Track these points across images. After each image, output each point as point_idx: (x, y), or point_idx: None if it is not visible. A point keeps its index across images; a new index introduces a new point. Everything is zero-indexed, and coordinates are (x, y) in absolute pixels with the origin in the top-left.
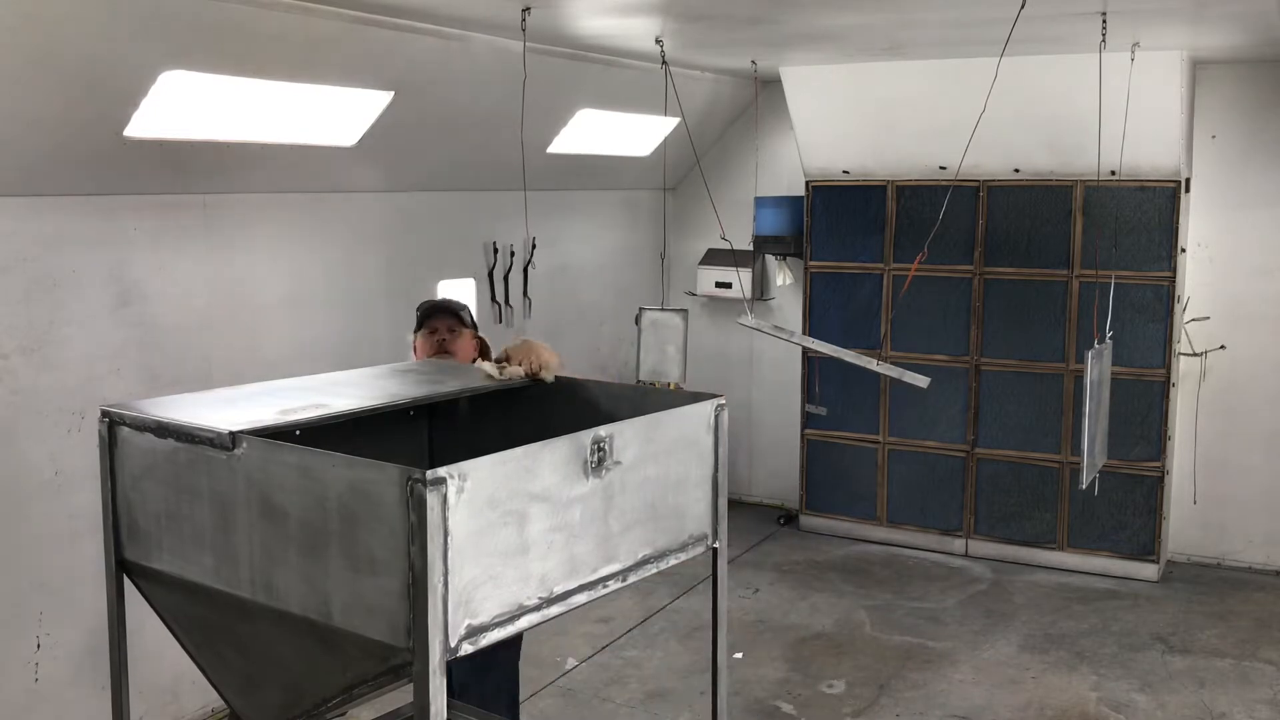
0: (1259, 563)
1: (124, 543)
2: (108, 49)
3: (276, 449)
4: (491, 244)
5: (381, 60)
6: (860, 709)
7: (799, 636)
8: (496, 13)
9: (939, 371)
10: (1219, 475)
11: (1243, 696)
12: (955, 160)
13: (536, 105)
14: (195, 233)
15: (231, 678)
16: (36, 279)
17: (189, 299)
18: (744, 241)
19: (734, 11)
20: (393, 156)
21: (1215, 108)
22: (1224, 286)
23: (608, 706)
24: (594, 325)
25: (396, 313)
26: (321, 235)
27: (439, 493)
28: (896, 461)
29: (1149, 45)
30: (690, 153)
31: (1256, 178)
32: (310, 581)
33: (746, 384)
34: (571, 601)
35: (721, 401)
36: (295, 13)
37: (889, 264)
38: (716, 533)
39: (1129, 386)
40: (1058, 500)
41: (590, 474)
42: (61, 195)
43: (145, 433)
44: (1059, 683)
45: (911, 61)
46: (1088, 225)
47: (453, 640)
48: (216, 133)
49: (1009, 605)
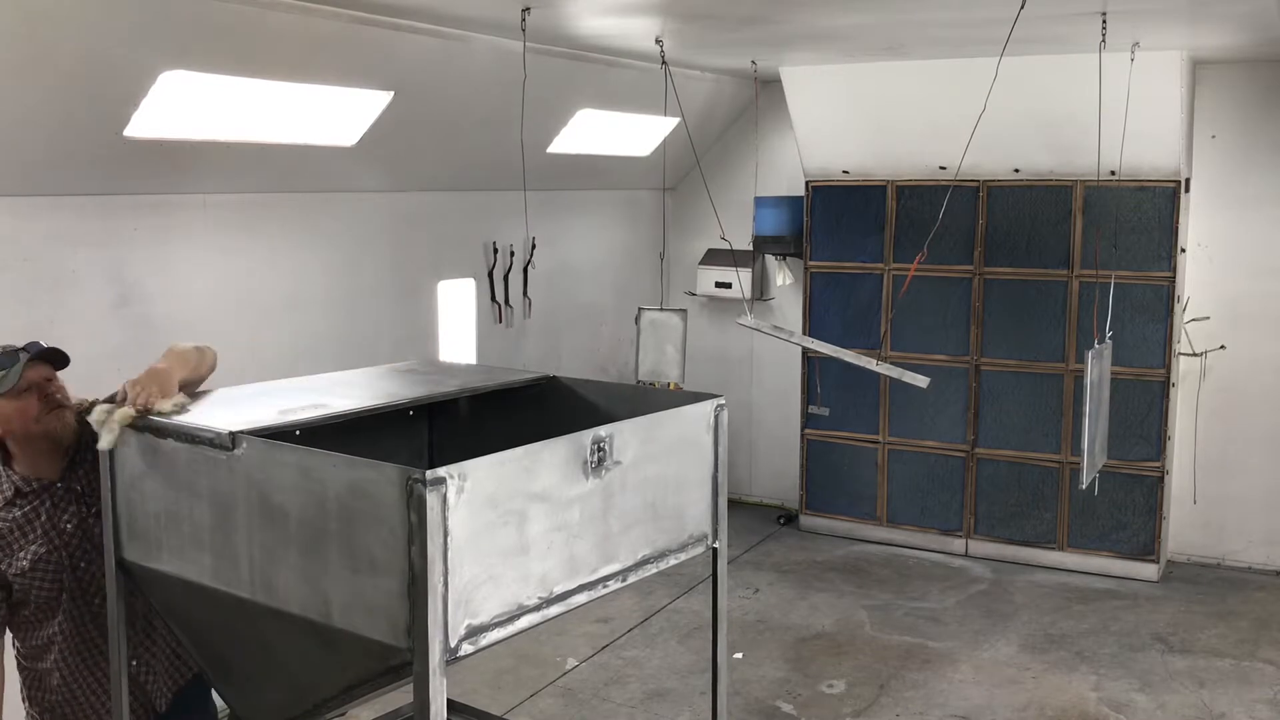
0: (1259, 563)
1: (124, 543)
2: (108, 49)
3: (276, 449)
4: (491, 244)
5: (381, 60)
6: (860, 709)
7: (799, 636)
8: (496, 13)
9: (939, 371)
10: (1219, 475)
11: (1243, 696)
12: (955, 160)
13: (536, 105)
14: (195, 233)
15: (231, 678)
16: (36, 279)
17: (189, 299)
18: (744, 241)
19: (734, 11)
20: (393, 156)
21: (1215, 108)
22: (1224, 286)
23: (608, 706)
24: (594, 325)
25: (397, 313)
26: (321, 235)
27: (439, 493)
28: (896, 461)
29: (1149, 45)
30: (690, 153)
31: (1256, 178)
32: (310, 581)
33: (746, 384)
34: (571, 601)
35: (721, 401)
36: (295, 13)
37: (889, 264)
38: (716, 533)
39: (1129, 386)
40: (1058, 500)
41: (590, 474)
42: (61, 195)
43: (145, 433)
44: (1059, 683)
45: (911, 61)
46: (1088, 225)
47: (453, 640)
48: (216, 133)
49: (1009, 605)
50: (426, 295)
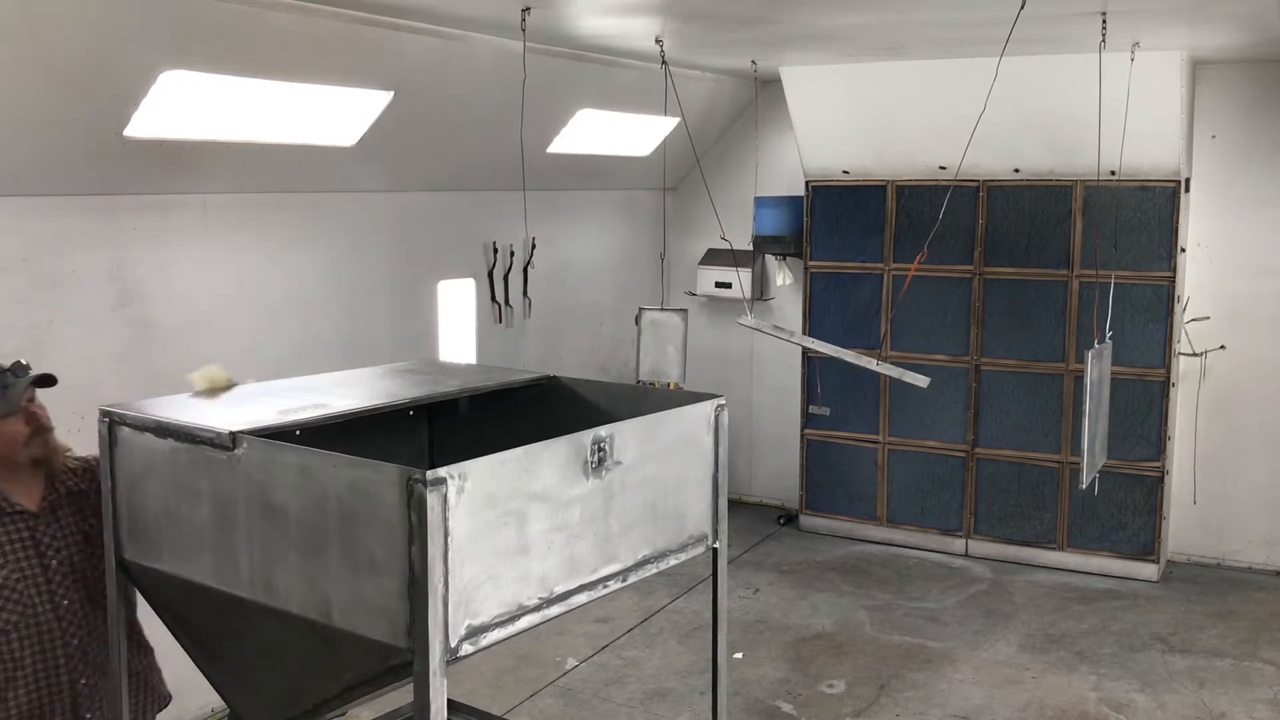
0: (1259, 563)
1: (124, 543)
2: (108, 49)
3: (276, 449)
4: (491, 244)
5: (381, 60)
6: (860, 709)
7: (799, 636)
8: (496, 13)
9: (939, 371)
10: (1219, 475)
11: (1243, 696)
12: (955, 160)
13: (536, 105)
14: (195, 233)
15: (231, 678)
16: (36, 279)
17: (189, 299)
18: (744, 241)
19: (734, 11)
20: (393, 156)
21: (1215, 108)
22: (1224, 286)
23: (608, 706)
24: (594, 325)
25: (397, 312)
26: (322, 235)
27: (439, 493)
28: (896, 461)
29: (1149, 45)
30: (690, 153)
31: (1256, 178)
32: (310, 581)
33: (746, 384)
34: (571, 601)
35: (721, 401)
36: (295, 13)
37: (889, 264)
38: (716, 533)
39: (1129, 386)
40: (1058, 500)
41: (590, 474)
42: (61, 195)
43: (145, 433)
44: (1059, 683)
45: (911, 61)
46: (1088, 225)
47: (453, 640)
48: (216, 133)
49: (1009, 605)
50: (426, 295)
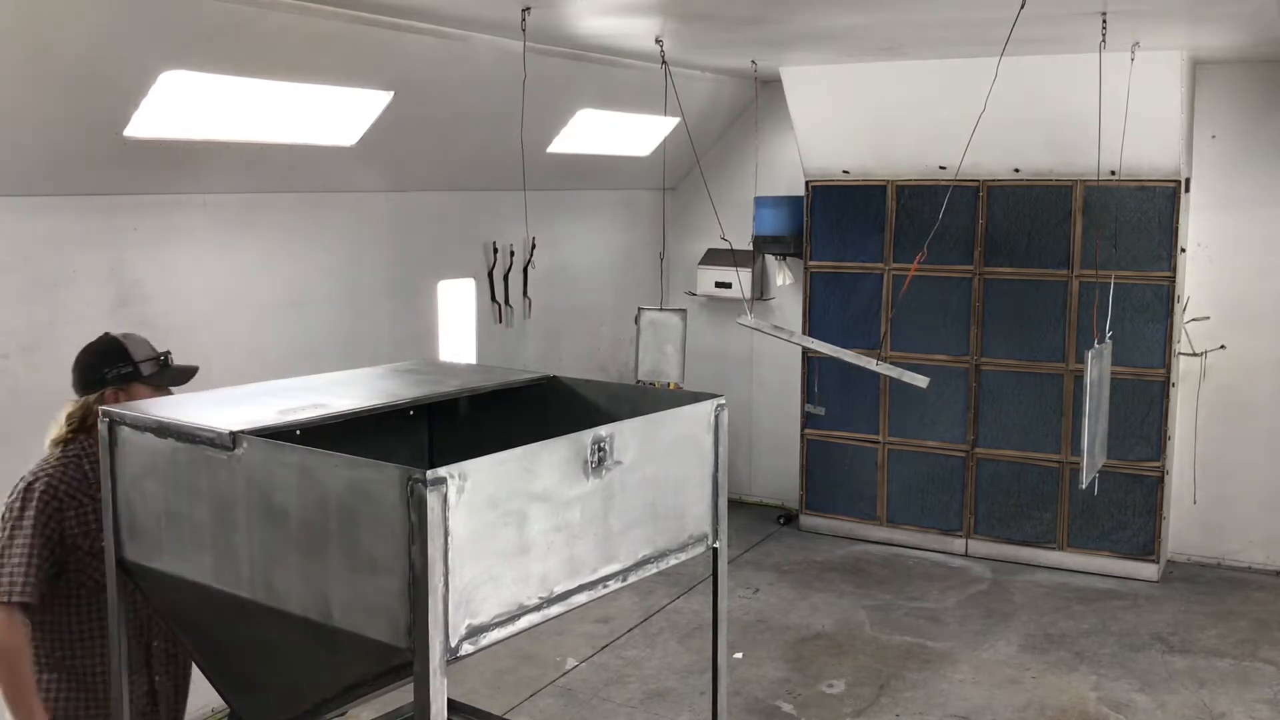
0: (1259, 563)
1: (124, 543)
2: (108, 49)
3: (276, 449)
4: (491, 244)
5: (381, 60)
6: (860, 709)
7: (799, 636)
8: (496, 13)
9: (939, 371)
10: (1219, 475)
11: (1243, 696)
12: (955, 160)
13: (536, 105)
14: (195, 233)
15: (231, 678)
16: (36, 279)
17: (189, 299)
18: (744, 241)
19: (734, 11)
20: (393, 156)
21: (1215, 108)
22: (1224, 286)
23: (607, 706)
24: (594, 325)
25: (397, 312)
26: (321, 235)
27: (439, 493)
28: (896, 461)
29: (1149, 45)
30: (690, 153)
31: (1256, 178)
32: (310, 581)
33: (746, 384)
34: (571, 601)
35: (721, 401)
36: (295, 13)
37: (889, 264)
38: (716, 533)
39: (1129, 386)
40: (1058, 500)
41: (590, 474)
42: (61, 195)
43: (145, 433)
44: (1059, 683)
45: (911, 61)
46: (1088, 225)
47: (453, 640)
48: (216, 133)
49: (1009, 605)
50: (426, 295)
